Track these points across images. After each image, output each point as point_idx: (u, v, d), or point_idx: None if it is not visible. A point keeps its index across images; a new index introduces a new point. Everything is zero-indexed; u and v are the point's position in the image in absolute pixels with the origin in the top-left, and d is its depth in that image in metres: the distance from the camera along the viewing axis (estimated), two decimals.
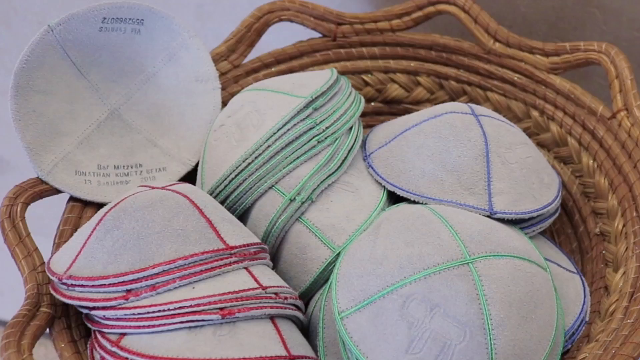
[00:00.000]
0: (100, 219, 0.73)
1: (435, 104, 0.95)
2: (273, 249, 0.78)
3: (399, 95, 0.96)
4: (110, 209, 0.74)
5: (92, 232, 0.72)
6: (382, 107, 0.97)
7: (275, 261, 0.79)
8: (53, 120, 0.84)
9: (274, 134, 0.78)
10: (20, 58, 0.82)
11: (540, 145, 0.91)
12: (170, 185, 0.77)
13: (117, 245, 0.70)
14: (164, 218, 0.71)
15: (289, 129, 0.79)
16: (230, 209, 0.80)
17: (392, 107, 0.97)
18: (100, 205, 0.83)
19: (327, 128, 0.80)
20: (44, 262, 0.77)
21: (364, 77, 0.96)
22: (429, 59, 0.95)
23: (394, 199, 0.81)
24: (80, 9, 0.84)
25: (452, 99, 0.95)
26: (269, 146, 0.78)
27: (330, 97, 0.82)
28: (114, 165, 0.86)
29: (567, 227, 0.88)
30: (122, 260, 0.69)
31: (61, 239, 0.80)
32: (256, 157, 0.78)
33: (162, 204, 0.72)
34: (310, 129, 0.79)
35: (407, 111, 0.96)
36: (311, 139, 0.79)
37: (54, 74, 0.84)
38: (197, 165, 0.87)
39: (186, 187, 0.77)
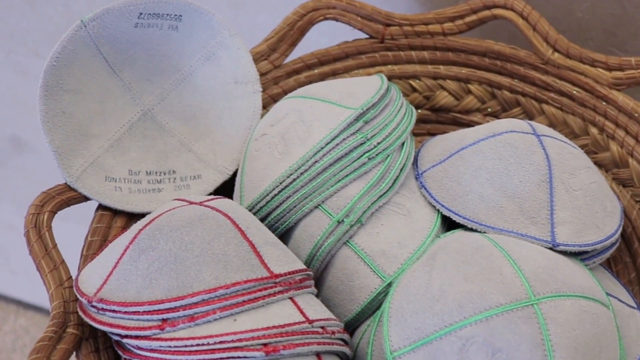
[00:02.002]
0: (134, 237, 0.68)
1: (486, 115, 0.90)
2: (317, 273, 0.73)
3: (448, 103, 0.91)
4: (144, 226, 0.68)
5: (125, 251, 0.67)
6: (430, 115, 0.92)
7: (318, 286, 0.73)
8: (83, 121, 0.78)
9: (322, 148, 0.73)
10: (51, 55, 0.76)
11: (598, 165, 0.85)
12: (209, 200, 0.72)
13: (152, 269, 0.65)
14: (204, 240, 0.66)
15: (337, 144, 0.73)
16: (272, 227, 0.74)
17: (440, 116, 0.92)
18: (130, 215, 0.78)
19: (378, 144, 0.74)
20: (71, 277, 0.72)
21: (411, 82, 0.91)
22: (482, 67, 0.89)
23: (447, 223, 0.75)
24: (116, 3, 0.78)
25: (505, 110, 0.90)
26: (315, 162, 0.73)
27: (381, 108, 0.76)
28: (146, 171, 0.81)
29: (625, 256, 0.83)
30: (158, 285, 0.64)
31: (89, 250, 0.75)
32: (302, 173, 0.73)
33: (202, 224, 0.67)
34: (361, 144, 0.73)
35: (456, 120, 0.91)
36: (361, 156, 0.73)
37: (85, 72, 0.78)
38: (234, 174, 0.82)
39: (226, 203, 0.71)
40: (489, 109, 0.90)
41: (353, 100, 0.76)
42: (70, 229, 0.95)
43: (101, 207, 0.78)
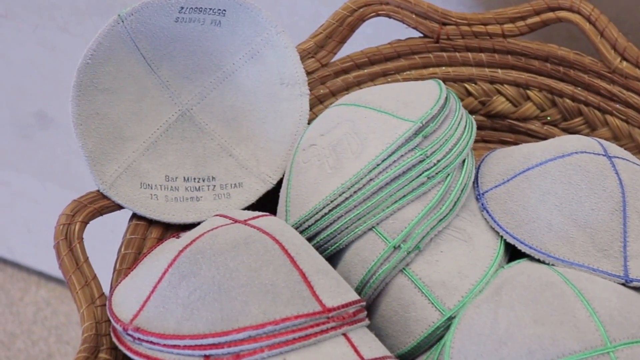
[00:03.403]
0: (174, 259, 0.62)
1: (545, 123, 0.84)
2: (369, 301, 0.68)
3: (504, 110, 0.85)
4: (184, 248, 0.63)
5: (164, 274, 0.62)
6: (485, 121, 0.86)
7: (370, 314, 0.67)
8: (117, 122, 0.73)
9: (378, 165, 0.67)
10: (85, 53, 0.71)
11: None
12: (254, 218, 0.66)
13: (193, 297, 0.60)
14: (250, 268, 0.60)
15: (394, 161, 0.67)
16: (319, 248, 0.68)
17: (496, 122, 0.86)
18: (167, 225, 0.73)
19: (438, 161, 0.68)
20: (103, 294, 0.67)
21: (467, 86, 0.85)
22: (543, 72, 0.83)
23: (510, 250, 0.69)
24: None
25: (565, 119, 0.84)
26: (370, 180, 0.67)
27: (441, 121, 0.70)
28: (184, 177, 0.75)
29: None
30: (200, 317, 0.59)
31: (122, 265, 0.70)
32: (355, 192, 0.67)
33: (248, 249, 0.62)
34: (420, 161, 0.68)
35: (512, 128, 0.85)
36: (420, 175, 0.67)
37: (121, 69, 0.73)
38: (278, 184, 0.76)
39: (273, 223, 0.66)
40: (549, 117, 0.84)
41: (411, 111, 0.70)
42: None
43: (135, 216, 0.73)
